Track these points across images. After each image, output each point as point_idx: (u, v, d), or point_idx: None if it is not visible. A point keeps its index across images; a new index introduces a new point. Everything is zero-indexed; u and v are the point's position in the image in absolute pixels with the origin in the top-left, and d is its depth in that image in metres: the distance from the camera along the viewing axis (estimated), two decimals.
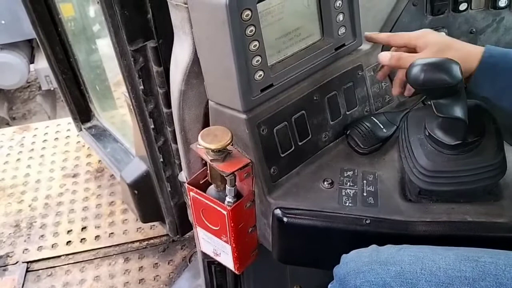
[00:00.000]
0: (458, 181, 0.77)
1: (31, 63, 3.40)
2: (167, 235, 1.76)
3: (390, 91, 1.00)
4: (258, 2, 0.74)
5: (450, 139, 0.74)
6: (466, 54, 0.75)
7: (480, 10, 0.99)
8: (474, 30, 1.01)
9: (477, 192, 0.78)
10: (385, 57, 0.83)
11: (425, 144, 0.78)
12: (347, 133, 0.92)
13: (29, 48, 3.45)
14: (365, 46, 0.95)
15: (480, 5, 0.99)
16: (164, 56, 1.00)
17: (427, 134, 0.77)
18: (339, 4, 0.85)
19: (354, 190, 0.84)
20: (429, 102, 0.96)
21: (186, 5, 0.76)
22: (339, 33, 0.88)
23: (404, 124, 0.85)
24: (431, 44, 0.79)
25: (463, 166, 0.75)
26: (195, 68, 0.85)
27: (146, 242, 1.76)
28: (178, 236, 1.60)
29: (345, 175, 0.87)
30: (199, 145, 0.81)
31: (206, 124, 0.92)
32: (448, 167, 0.76)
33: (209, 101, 0.87)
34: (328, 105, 0.91)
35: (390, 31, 0.96)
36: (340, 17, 0.87)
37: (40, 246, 1.75)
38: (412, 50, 0.83)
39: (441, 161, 0.76)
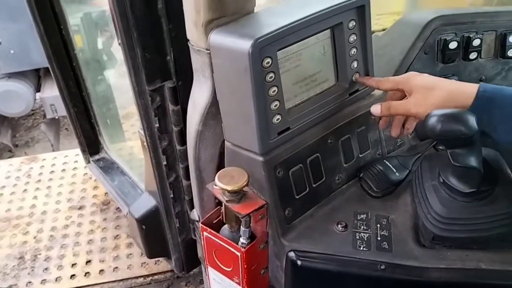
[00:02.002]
0: (472, 228, 0.77)
1: (37, 92, 3.44)
2: (171, 271, 1.74)
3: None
4: (278, 50, 0.77)
5: (464, 186, 0.75)
6: (456, 90, 0.76)
7: (490, 59, 1.02)
8: (483, 77, 1.03)
9: (491, 239, 0.78)
10: (376, 109, 0.86)
11: (439, 191, 0.79)
12: (360, 175, 0.94)
13: (36, 77, 3.51)
14: (378, 91, 0.97)
15: (490, 54, 1.02)
16: (181, 96, 1.03)
17: (442, 181, 0.78)
18: (354, 52, 0.89)
19: (368, 234, 0.84)
20: (441, 147, 0.98)
21: (208, 51, 0.79)
22: (353, 79, 0.91)
23: (418, 169, 0.86)
24: (416, 88, 0.81)
25: (477, 213, 0.76)
26: (212, 110, 0.87)
27: (151, 277, 1.74)
28: (183, 272, 1.58)
29: (359, 218, 0.88)
30: (216, 185, 0.82)
31: (220, 163, 0.94)
32: (462, 214, 0.77)
33: (226, 142, 0.88)
34: (341, 148, 0.92)
35: None
36: (355, 64, 0.90)
37: (43, 280, 1.73)
38: (403, 93, 0.85)
39: (455, 207, 0.77)
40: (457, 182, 0.76)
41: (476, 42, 1.00)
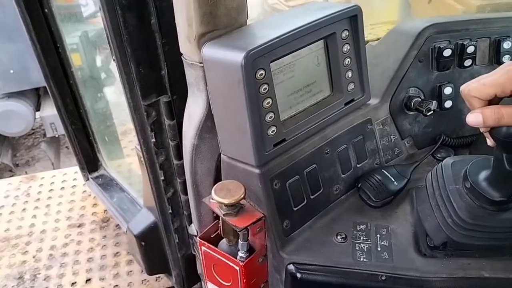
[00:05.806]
0: (492, 236, 0.75)
1: (37, 111, 3.45)
2: (172, 287, 1.72)
3: (399, 144, 1.02)
4: (271, 62, 0.77)
5: (497, 194, 0.72)
6: None
7: (485, 65, 1.02)
8: None
9: (504, 248, 0.77)
10: (476, 119, 0.62)
11: (463, 196, 0.76)
12: (359, 186, 0.93)
13: (35, 96, 3.53)
14: (374, 101, 0.97)
15: (484, 61, 1.02)
16: (177, 110, 1.03)
17: (468, 186, 0.75)
18: (348, 61, 0.88)
19: (368, 245, 0.83)
20: (439, 156, 0.97)
21: (202, 65, 0.79)
22: (348, 89, 0.91)
23: (435, 172, 0.83)
24: None
25: (500, 223, 0.74)
26: (208, 123, 0.87)
27: None
28: None
29: (358, 228, 0.87)
30: (212, 199, 0.81)
31: (217, 177, 0.93)
32: (488, 221, 0.74)
33: (222, 155, 0.88)
34: (338, 158, 0.92)
35: (398, 86, 0.98)
36: (349, 74, 0.90)
37: None
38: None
39: (481, 215, 0.74)
40: (490, 189, 0.73)
41: (470, 49, 1.00)
